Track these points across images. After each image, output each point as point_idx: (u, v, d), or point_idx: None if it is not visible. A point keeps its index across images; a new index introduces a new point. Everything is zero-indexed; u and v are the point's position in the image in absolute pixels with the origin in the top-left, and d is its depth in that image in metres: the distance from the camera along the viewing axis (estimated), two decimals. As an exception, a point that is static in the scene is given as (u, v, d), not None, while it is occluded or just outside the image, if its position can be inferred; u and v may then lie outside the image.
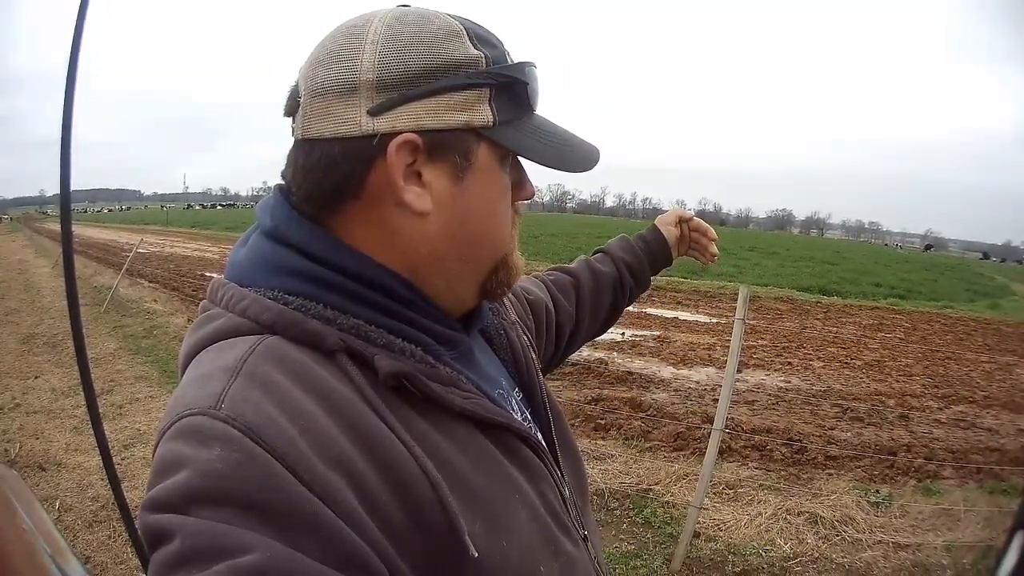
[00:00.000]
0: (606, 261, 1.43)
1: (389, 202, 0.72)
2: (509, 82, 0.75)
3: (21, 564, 0.42)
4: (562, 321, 1.31)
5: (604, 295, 1.40)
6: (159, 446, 0.62)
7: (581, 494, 0.97)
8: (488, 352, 0.94)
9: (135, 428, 5.83)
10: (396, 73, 0.69)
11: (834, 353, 10.22)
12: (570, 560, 0.80)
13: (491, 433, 0.76)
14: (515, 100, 0.76)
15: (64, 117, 0.47)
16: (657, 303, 14.60)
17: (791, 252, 41.63)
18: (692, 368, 8.77)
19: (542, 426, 0.94)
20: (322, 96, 0.70)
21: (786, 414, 6.79)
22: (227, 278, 0.77)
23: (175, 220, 77.82)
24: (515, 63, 0.77)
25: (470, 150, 0.74)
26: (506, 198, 0.80)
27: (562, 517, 0.82)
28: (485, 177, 0.76)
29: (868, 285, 23.37)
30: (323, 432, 0.62)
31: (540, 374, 1.00)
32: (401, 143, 0.69)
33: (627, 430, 5.91)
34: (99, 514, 4.32)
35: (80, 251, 24.93)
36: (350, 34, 0.71)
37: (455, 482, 0.68)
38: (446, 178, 0.73)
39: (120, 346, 9.22)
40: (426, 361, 0.73)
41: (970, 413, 7.13)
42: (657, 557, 4.01)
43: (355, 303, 0.72)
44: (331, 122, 0.70)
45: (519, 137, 0.77)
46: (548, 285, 1.34)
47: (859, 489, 4.85)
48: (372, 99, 0.69)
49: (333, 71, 0.70)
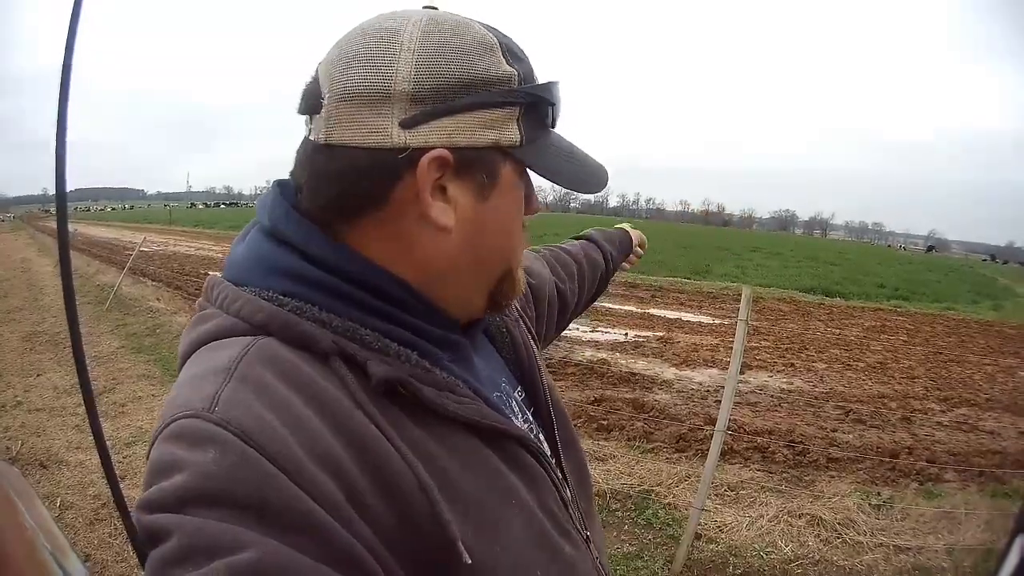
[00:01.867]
0: (594, 248, 1.52)
1: (411, 215, 0.71)
2: (537, 101, 0.74)
3: (22, 561, 0.42)
4: (565, 295, 1.34)
5: (597, 274, 1.49)
6: (154, 448, 0.63)
7: (585, 494, 0.96)
8: (490, 351, 0.93)
9: (137, 426, 5.85)
10: (432, 86, 0.67)
11: (837, 355, 10.23)
12: (569, 563, 0.79)
13: (487, 438, 0.75)
14: (540, 119, 0.76)
15: (59, 116, 0.47)
16: (660, 304, 14.62)
17: (794, 253, 41.68)
18: (695, 369, 8.77)
19: (545, 426, 0.94)
20: (350, 101, 0.68)
21: (788, 416, 6.78)
22: (224, 276, 0.76)
23: (178, 219, 77.95)
24: (544, 83, 0.76)
25: (496, 169, 0.73)
26: (520, 214, 0.81)
27: (561, 520, 0.82)
28: (506, 195, 0.76)
29: (871, 286, 23.34)
30: (315, 434, 0.62)
31: (544, 372, 0.99)
32: (433, 159, 0.68)
33: (629, 431, 5.92)
34: (100, 512, 4.34)
35: (83, 250, 25.00)
36: (384, 37, 0.69)
37: (447, 487, 0.67)
38: (471, 195, 0.72)
39: (123, 345, 9.25)
40: (421, 366, 0.72)
41: (972, 416, 7.12)
42: (658, 559, 4.02)
43: (350, 306, 0.71)
44: (360, 130, 0.68)
45: (543, 157, 0.77)
46: (551, 263, 1.36)
47: (861, 491, 4.85)
48: (406, 111, 0.67)
49: (366, 75, 0.68)
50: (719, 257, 28.84)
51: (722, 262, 27.93)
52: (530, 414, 0.92)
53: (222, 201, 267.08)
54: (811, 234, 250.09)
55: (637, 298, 14.37)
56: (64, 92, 0.47)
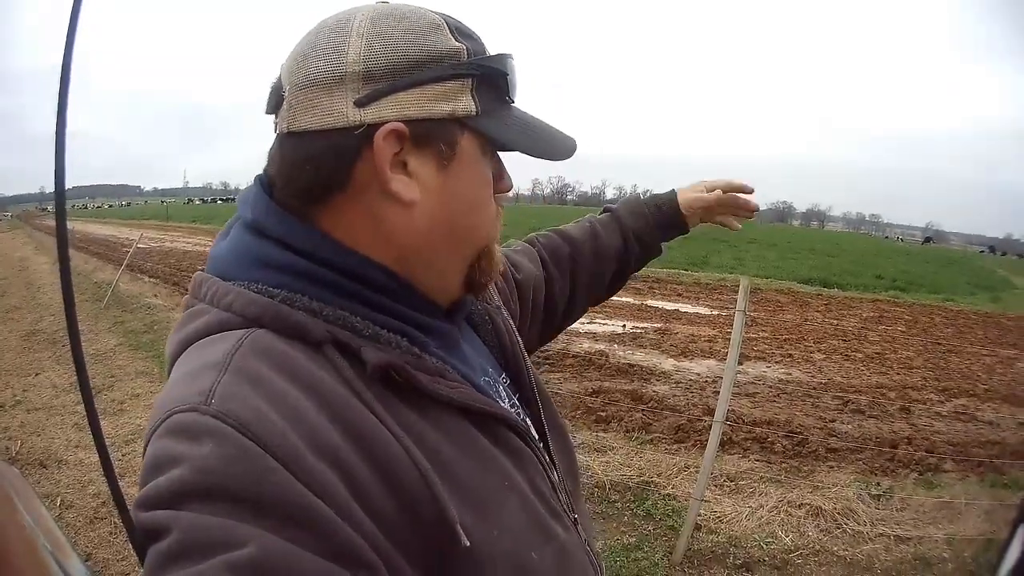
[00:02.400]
0: (613, 229, 1.36)
1: (375, 192, 0.72)
2: (490, 73, 0.76)
3: (22, 562, 0.41)
4: (553, 293, 1.30)
5: (606, 264, 1.36)
6: (149, 444, 0.63)
7: (572, 477, 0.97)
8: (474, 338, 0.95)
9: (136, 424, 5.83)
10: (382, 64, 0.70)
11: (835, 345, 10.21)
12: (562, 544, 0.81)
13: (479, 422, 0.76)
14: (495, 91, 0.78)
15: (59, 113, 0.47)
16: (658, 295, 14.60)
17: (792, 244, 41.57)
18: (693, 360, 8.75)
19: (531, 411, 0.95)
20: (308, 89, 0.71)
21: (787, 406, 6.78)
22: (209, 271, 0.77)
23: (175, 215, 77.74)
24: (495, 54, 0.78)
25: (454, 140, 0.75)
26: (489, 188, 0.82)
27: (552, 502, 0.83)
28: (469, 166, 0.77)
29: (869, 277, 23.31)
30: (313, 425, 0.62)
31: (527, 358, 1.00)
32: (388, 132, 0.70)
33: (628, 422, 5.91)
34: (100, 511, 4.33)
35: (81, 247, 24.95)
36: (334, 28, 0.72)
37: (444, 472, 0.68)
38: (432, 167, 0.74)
39: (121, 342, 9.23)
40: (412, 352, 0.74)
41: (971, 406, 7.12)
42: (658, 550, 4.02)
43: (339, 295, 0.72)
44: (317, 114, 0.70)
45: (500, 127, 0.78)
46: (540, 252, 1.32)
47: (860, 482, 4.86)
48: (359, 90, 0.70)
49: (319, 64, 0.70)
50: (716, 248, 28.76)
51: (720, 253, 27.86)
52: (516, 399, 0.93)
53: (219, 197, 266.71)
54: (808, 225, 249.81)
55: (635, 289, 14.33)
56: (64, 89, 0.47)
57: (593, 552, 0.93)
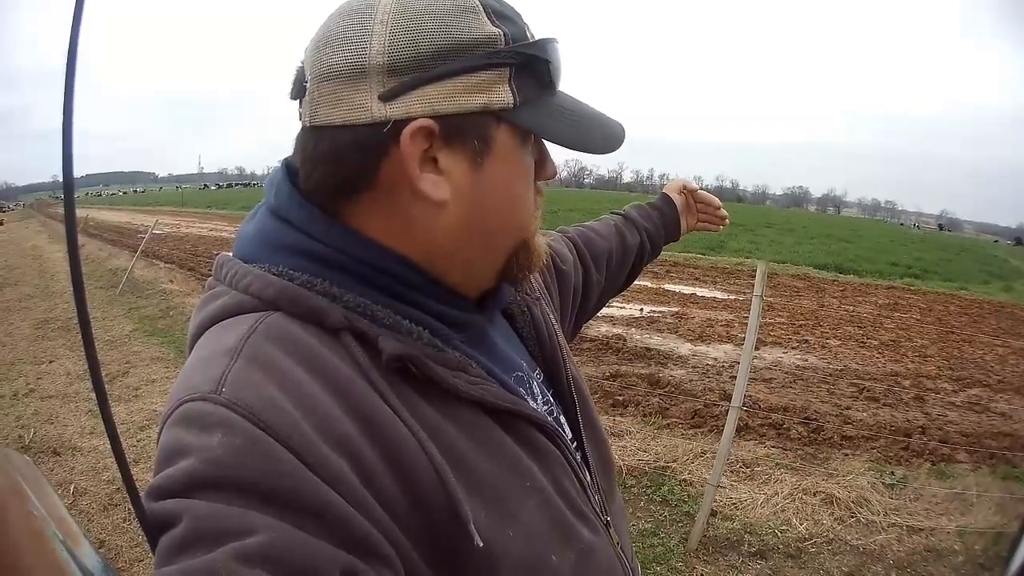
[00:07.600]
0: (632, 229, 1.42)
1: (405, 191, 0.69)
2: (530, 60, 0.71)
3: (29, 553, 0.40)
4: (591, 285, 1.29)
5: (627, 264, 1.41)
6: (162, 433, 0.62)
7: (606, 477, 0.94)
8: (508, 332, 0.91)
9: (151, 409, 5.83)
10: (409, 55, 0.65)
11: (851, 332, 10.21)
12: (587, 548, 0.78)
13: (500, 419, 0.73)
14: (536, 79, 0.72)
15: (65, 101, 0.46)
16: (675, 279, 14.61)
17: (808, 229, 41.43)
18: (710, 345, 8.79)
19: (566, 408, 0.92)
20: (329, 81, 0.67)
21: (803, 392, 6.79)
22: (234, 253, 0.76)
23: (190, 201, 78.20)
24: (536, 40, 0.72)
25: (489, 134, 0.70)
26: (528, 180, 0.77)
27: (578, 503, 0.80)
28: (505, 161, 0.73)
29: (884, 264, 23.28)
30: (326, 414, 0.61)
31: (565, 353, 0.97)
32: (415, 129, 0.66)
33: (645, 407, 5.93)
34: (114, 497, 4.32)
35: (95, 234, 25.11)
36: (358, 12, 0.67)
37: (460, 468, 0.66)
38: (465, 164, 0.70)
39: (136, 328, 9.27)
40: (433, 344, 0.71)
41: (984, 397, 7.10)
42: (674, 535, 4.06)
43: (359, 283, 0.70)
44: (340, 109, 0.67)
45: (540, 118, 0.73)
46: (576, 244, 1.30)
47: (874, 470, 4.87)
48: (383, 84, 0.66)
49: (341, 54, 0.66)
50: (733, 232, 28.68)
51: (736, 237, 27.83)
52: (550, 395, 0.90)
53: (235, 182, 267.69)
54: (824, 211, 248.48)
55: (652, 273, 14.32)
56: (70, 75, 0.45)
57: (627, 556, 0.90)
